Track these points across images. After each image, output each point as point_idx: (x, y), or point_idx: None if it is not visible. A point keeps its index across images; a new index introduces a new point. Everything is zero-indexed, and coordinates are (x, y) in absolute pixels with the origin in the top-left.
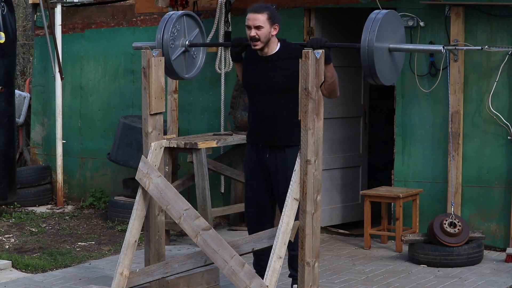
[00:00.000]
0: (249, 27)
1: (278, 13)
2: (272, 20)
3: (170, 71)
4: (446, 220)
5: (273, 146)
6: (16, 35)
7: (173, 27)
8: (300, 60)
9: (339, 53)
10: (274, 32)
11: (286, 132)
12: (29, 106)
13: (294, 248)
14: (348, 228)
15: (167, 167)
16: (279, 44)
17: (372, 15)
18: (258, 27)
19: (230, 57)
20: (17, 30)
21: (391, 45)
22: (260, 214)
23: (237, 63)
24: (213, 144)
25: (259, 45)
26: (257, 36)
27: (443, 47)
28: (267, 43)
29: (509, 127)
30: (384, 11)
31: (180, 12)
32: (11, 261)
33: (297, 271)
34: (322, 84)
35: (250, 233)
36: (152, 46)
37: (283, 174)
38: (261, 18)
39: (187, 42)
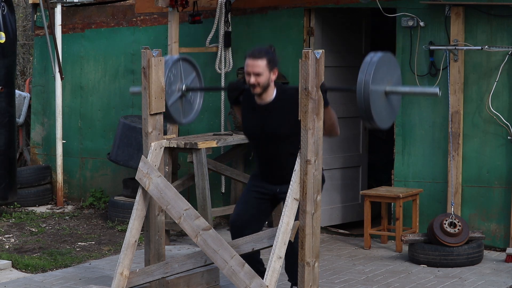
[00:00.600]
0: (249, 74)
1: (276, 58)
2: (271, 66)
3: (167, 117)
4: (446, 220)
5: (281, 183)
6: (16, 35)
7: (169, 71)
8: (300, 60)
9: (339, 53)
10: (273, 77)
11: (289, 172)
12: (29, 106)
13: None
14: (348, 228)
15: (167, 167)
16: (275, 90)
17: (368, 57)
18: (257, 74)
19: (230, 59)
20: (17, 30)
21: (388, 88)
22: (246, 226)
23: (236, 106)
24: (213, 144)
25: (258, 90)
26: (256, 83)
27: (439, 89)
28: (266, 88)
29: (509, 127)
30: (380, 53)
31: (176, 56)
32: (11, 261)
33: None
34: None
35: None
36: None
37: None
38: (260, 65)
39: (183, 87)
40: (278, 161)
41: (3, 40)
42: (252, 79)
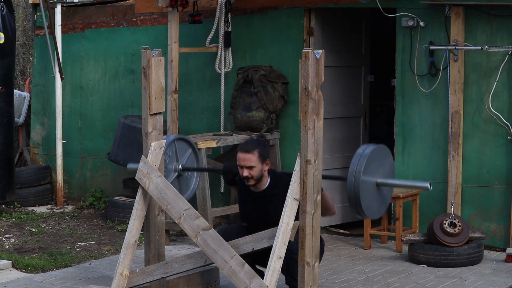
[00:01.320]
0: (241, 167)
1: (267, 148)
2: (263, 158)
3: None
4: (446, 220)
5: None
6: (15, 35)
7: (164, 154)
8: (300, 60)
9: (339, 53)
10: (266, 168)
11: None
12: (29, 106)
13: (294, 252)
14: (348, 228)
15: None
16: (269, 178)
17: (360, 149)
18: (250, 167)
19: (230, 59)
20: (17, 30)
21: (379, 180)
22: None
23: (232, 186)
24: (213, 144)
25: (252, 182)
26: (249, 176)
27: (430, 184)
28: (259, 179)
29: (509, 127)
30: (372, 146)
31: (172, 138)
32: (11, 261)
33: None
34: None
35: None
36: None
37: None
38: (252, 158)
39: (180, 167)
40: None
41: (2, 41)
42: (245, 173)
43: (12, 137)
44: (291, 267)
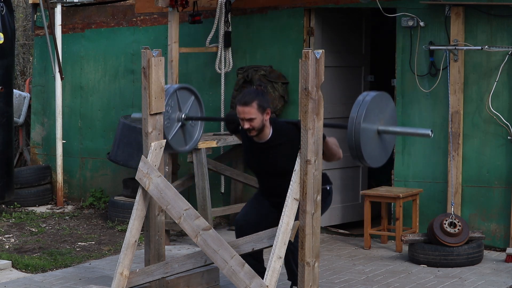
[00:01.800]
0: (242, 119)
1: (267, 97)
2: (262, 108)
3: (169, 149)
4: (446, 220)
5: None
6: (15, 36)
7: (166, 105)
8: (300, 60)
9: (339, 53)
10: (267, 117)
11: None
12: (29, 106)
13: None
14: (348, 228)
15: (167, 167)
16: (271, 128)
17: (361, 96)
18: (250, 119)
19: (230, 59)
20: (17, 30)
21: (380, 127)
22: (252, 227)
23: (236, 134)
24: (213, 144)
25: (254, 133)
26: (251, 127)
27: (431, 131)
28: (262, 129)
29: (509, 127)
30: (373, 93)
31: (173, 88)
32: (11, 261)
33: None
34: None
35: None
36: None
37: None
38: (251, 111)
39: (183, 116)
40: (281, 193)
41: (1, 41)
42: (246, 125)
43: (11, 137)
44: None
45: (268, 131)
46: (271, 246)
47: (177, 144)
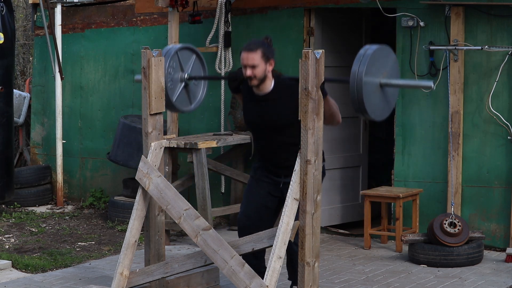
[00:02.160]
0: (245, 66)
1: (272, 49)
2: (266, 57)
3: (173, 109)
4: (446, 220)
5: (286, 174)
6: (15, 36)
7: (168, 67)
8: (300, 60)
9: (339, 53)
10: (270, 68)
11: (291, 163)
12: (29, 106)
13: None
14: (348, 228)
15: (167, 167)
16: (273, 81)
17: (362, 50)
18: (253, 66)
19: (230, 59)
20: (17, 30)
21: (382, 81)
22: (255, 224)
23: (237, 94)
24: (213, 144)
25: (255, 83)
26: (252, 75)
27: (433, 82)
28: (263, 80)
29: (509, 127)
30: (375, 46)
31: (174, 49)
32: (11, 261)
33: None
34: None
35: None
36: None
37: None
38: (255, 57)
39: (186, 76)
40: (280, 152)
41: (1, 41)
42: (248, 72)
43: (11, 137)
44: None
45: (270, 84)
46: (271, 246)
47: (182, 104)
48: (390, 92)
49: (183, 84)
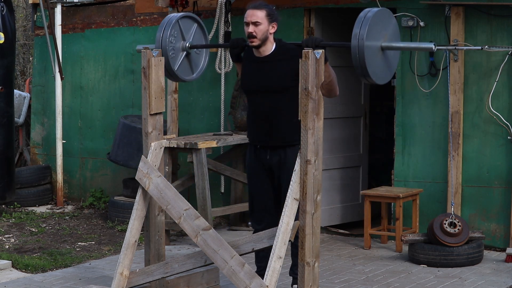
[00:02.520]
0: (247, 24)
1: (278, 13)
2: (270, 18)
3: (175, 78)
4: (446, 220)
5: (274, 146)
6: (15, 35)
7: (170, 36)
8: (300, 60)
9: (339, 53)
10: (272, 30)
11: (286, 132)
12: (29, 106)
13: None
14: (348, 228)
15: (167, 167)
16: (274, 44)
17: (362, 14)
18: (256, 23)
19: (230, 57)
20: (17, 30)
21: (383, 44)
22: (265, 212)
23: (237, 63)
24: (213, 144)
25: (256, 42)
26: (254, 33)
27: (434, 45)
28: (264, 41)
29: (509, 127)
30: (375, 9)
31: (175, 18)
32: (11, 261)
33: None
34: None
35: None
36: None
37: (287, 174)
38: (259, 15)
39: (187, 44)
40: (272, 119)
41: (2, 41)
42: (251, 28)
43: (12, 137)
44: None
45: (271, 46)
46: (271, 246)
47: (184, 73)
48: (391, 55)
49: (184, 53)
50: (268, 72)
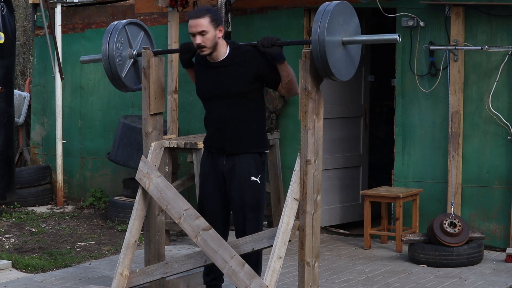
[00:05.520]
0: (193, 35)
1: (220, 15)
2: (215, 23)
3: (122, 87)
4: (446, 220)
5: (230, 153)
6: (15, 35)
7: (116, 42)
8: (300, 60)
9: None
10: (220, 35)
11: (242, 139)
12: (29, 106)
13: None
14: (348, 228)
15: (167, 167)
16: (228, 47)
17: (321, 8)
18: (201, 33)
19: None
20: (18, 30)
21: (344, 38)
22: (211, 223)
23: (188, 69)
24: None
25: (206, 51)
26: (203, 43)
27: (398, 36)
28: (215, 47)
29: (509, 127)
30: (335, 2)
31: (121, 24)
32: (11, 261)
33: None
34: (279, 83)
35: None
36: (99, 58)
37: (237, 182)
38: (203, 23)
39: (134, 52)
40: (229, 126)
41: (2, 41)
42: (198, 39)
43: (12, 137)
44: None
45: (224, 50)
46: (271, 246)
47: (132, 82)
48: (353, 50)
49: (131, 61)
50: (223, 78)
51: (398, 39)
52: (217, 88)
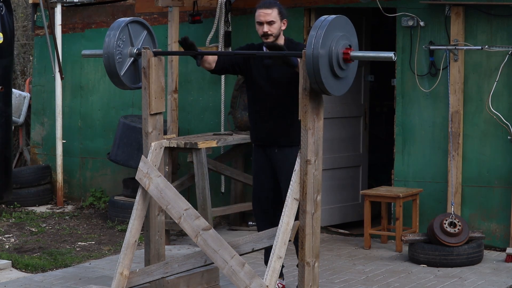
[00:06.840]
0: (261, 23)
1: (285, 9)
2: (282, 15)
3: (120, 84)
4: (446, 220)
5: (280, 145)
6: (14, 36)
7: (118, 39)
8: (300, 60)
9: None
10: (283, 27)
11: (291, 131)
12: (29, 106)
13: None
14: (348, 228)
15: (167, 167)
16: (284, 40)
17: (318, 22)
18: (270, 23)
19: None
20: (17, 30)
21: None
22: (266, 211)
23: (241, 68)
24: (213, 144)
25: (271, 39)
26: (269, 32)
27: (394, 54)
28: (277, 38)
29: (509, 127)
30: (332, 16)
31: (124, 22)
32: (11, 261)
33: None
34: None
35: (259, 230)
36: (101, 54)
37: (287, 173)
38: (272, 14)
39: (135, 51)
40: (277, 115)
41: (1, 41)
42: (266, 28)
43: (9, 137)
44: None
45: (282, 42)
46: (271, 246)
47: (130, 80)
48: (349, 65)
49: (132, 59)
50: (277, 67)
51: (393, 58)
52: (271, 76)
